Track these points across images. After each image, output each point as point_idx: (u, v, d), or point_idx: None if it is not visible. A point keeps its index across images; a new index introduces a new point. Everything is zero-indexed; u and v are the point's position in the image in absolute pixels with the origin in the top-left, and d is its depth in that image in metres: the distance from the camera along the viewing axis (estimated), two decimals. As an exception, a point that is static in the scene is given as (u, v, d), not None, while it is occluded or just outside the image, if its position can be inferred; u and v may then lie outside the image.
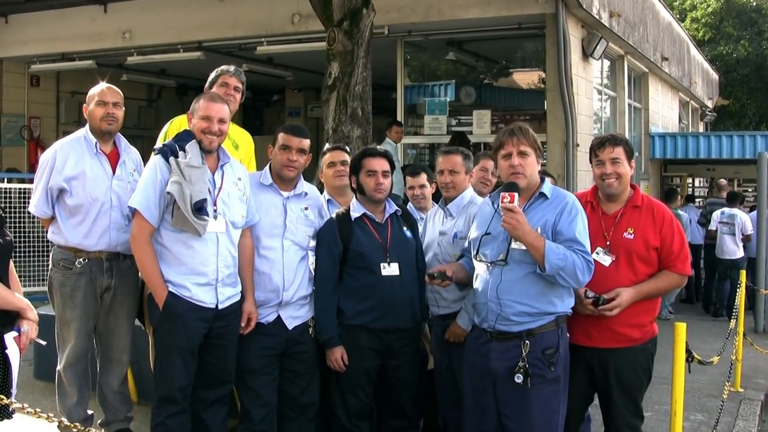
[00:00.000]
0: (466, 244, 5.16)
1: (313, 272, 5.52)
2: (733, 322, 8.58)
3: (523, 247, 4.57)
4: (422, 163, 9.72)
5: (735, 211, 14.67)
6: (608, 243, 4.99)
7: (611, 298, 4.82)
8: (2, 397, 3.71)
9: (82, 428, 3.83)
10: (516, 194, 4.53)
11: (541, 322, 4.65)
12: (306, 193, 5.55)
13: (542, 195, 4.78)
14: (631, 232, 4.98)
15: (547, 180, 4.93)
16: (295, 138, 5.39)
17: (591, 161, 5.16)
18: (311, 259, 5.53)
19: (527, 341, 4.60)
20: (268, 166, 5.52)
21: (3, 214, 4.24)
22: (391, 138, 13.33)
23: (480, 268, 4.84)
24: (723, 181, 17.89)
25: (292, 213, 5.43)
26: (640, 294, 4.93)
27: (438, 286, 5.09)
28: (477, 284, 4.86)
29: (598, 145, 5.08)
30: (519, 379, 4.57)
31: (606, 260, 4.95)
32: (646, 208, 5.06)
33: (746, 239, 14.38)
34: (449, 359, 5.53)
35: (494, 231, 4.77)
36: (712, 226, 14.67)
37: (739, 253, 14.45)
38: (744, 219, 14.49)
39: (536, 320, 4.64)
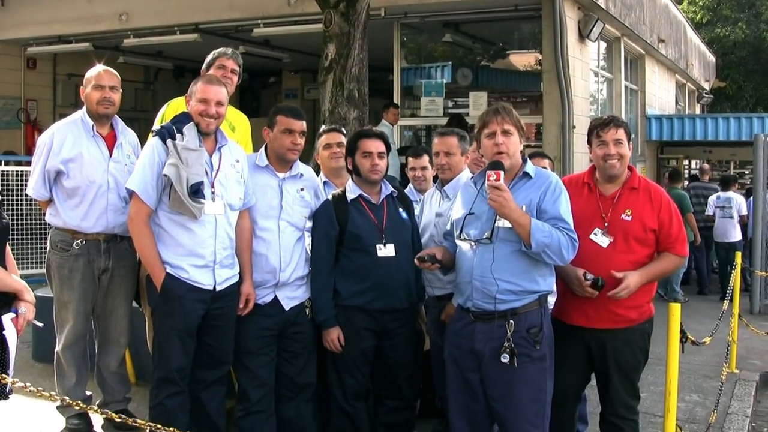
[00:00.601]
0: (448, 227, 5.16)
1: (309, 253, 5.55)
2: (727, 303, 8.61)
3: (508, 225, 4.58)
4: (425, 146, 9.77)
5: (730, 194, 14.85)
6: (606, 224, 5.00)
7: (618, 280, 4.84)
8: (4, 376, 3.72)
9: (83, 405, 3.86)
10: (502, 172, 4.53)
11: (525, 301, 4.67)
12: (302, 174, 5.56)
13: (526, 175, 4.80)
14: (629, 213, 4.98)
15: (530, 160, 4.95)
16: (297, 121, 5.40)
17: (590, 142, 5.15)
18: (308, 239, 5.55)
19: (512, 321, 4.63)
20: (263, 148, 5.53)
21: (0, 197, 4.25)
22: (387, 120, 13.34)
23: (464, 248, 4.83)
24: (706, 166, 18.01)
25: (288, 194, 5.44)
26: (648, 276, 4.96)
27: (428, 269, 5.09)
28: (461, 264, 4.86)
29: (600, 126, 5.07)
30: (505, 359, 4.58)
31: (604, 241, 4.97)
32: (644, 190, 5.07)
33: (744, 220, 14.47)
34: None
35: (477, 211, 4.78)
36: (709, 211, 14.72)
37: (738, 236, 14.53)
38: (740, 201, 14.63)
39: (520, 299, 4.66)
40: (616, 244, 4.96)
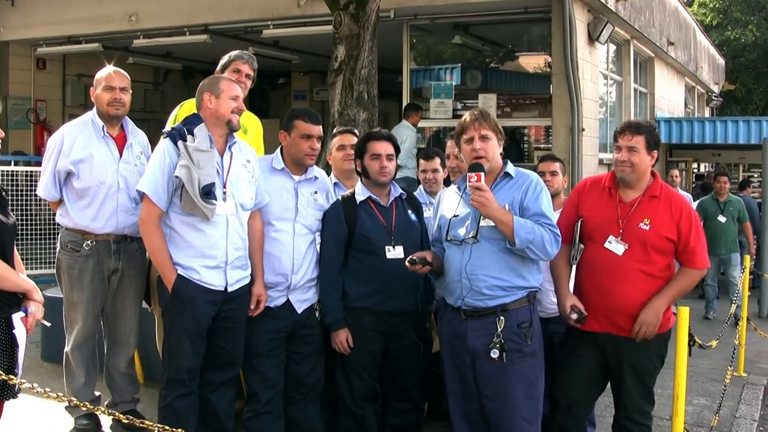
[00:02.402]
0: (435, 233, 5.26)
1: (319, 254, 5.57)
2: (734, 307, 8.60)
3: (492, 224, 4.70)
4: (436, 148, 9.64)
5: None
6: (621, 231, 4.99)
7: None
8: (11, 376, 3.74)
9: (91, 407, 3.87)
10: (482, 173, 4.67)
11: (514, 297, 4.78)
12: (316, 177, 5.58)
13: (507, 175, 4.93)
14: (647, 222, 4.95)
15: (510, 163, 5.02)
16: (315, 126, 5.42)
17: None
18: (318, 240, 5.56)
19: (502, 317, 4.73)
20: (279, 150, 5.54)
21: (6, 196, 4.27)
22: (413, 122, 13.25)
23: (451, 250, 4.94)
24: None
25: (303, 197, 5.45)
26: (669, 300, 4.98)
27: (418, 271, 5.10)
28: (449, 265, 4.95)
29: (620, 131, 5.09)
30: (495, 354, 4.70)
31: (619, 249, 4.97)
32: (665, 199, 5.04)
33: None
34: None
35: (462, 213, 4.92)
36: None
37: None
38: None
39: (509, 295, 4.77)
40: (632, 253, 4.95)
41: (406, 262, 4.99)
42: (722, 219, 12.90)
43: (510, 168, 4.96)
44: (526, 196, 4.80)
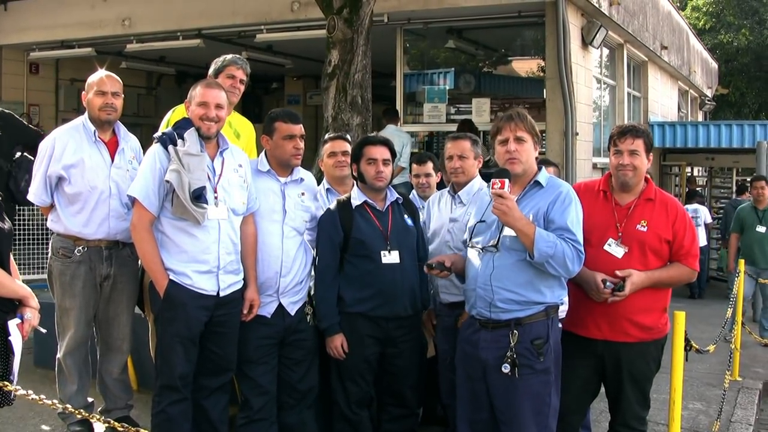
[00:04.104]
0: (465, 235, 5.10)
1: (309, 256, 5.56)
2: (730, 311, 8.60)
3: (514, 234, 4.52)
4: (428, 152, 9.53)
5: (696, 205, 15.94)
6: (620, 234, 4.95)
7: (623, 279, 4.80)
8: (6, 383, 3.71)
9: (84, 413, 3.85)
10: (507, 180, 4.47)
11: (529, 312, 4.61)
12: (302, 179, 5.56)
13: (537, 183, 4.74)
14: (645, 224, 4.94)
15: (545, 169, 4.88)
16: (296, 126, 5.40)
17: (609, 149, 5.12)
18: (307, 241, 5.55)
19: (515, 331, 4.57)
20: (264, 153, 5.52)
21: (1, 202, 4.24)
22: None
23: (472, 255, 4.81)
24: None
25: (290, 199, 5.44)
26: (651, 279, 4.89)
27: (437, 276, 5.07)
28: (468, 271, 4.83)
29: (618, 135, 5.02)
30: (506, 369, 4.55)
31: (619, 252, 4.92)
32: (660, 202, 5.03)
33: (709, 227, 15.70)
34: (455, 347, 5.47)
35: (488, 219, 4.73)
36: None
37: (704, 242, 15.41)
38: (704, 211, 15.99)
39: (524, 309, 4.60)
40: (631, 255, 4.91)
41: (424, 267, 4.95)
42: (761, 229, 11.65)
43: (542, 176, 4.76)
44: (553, 208, 4.60)
